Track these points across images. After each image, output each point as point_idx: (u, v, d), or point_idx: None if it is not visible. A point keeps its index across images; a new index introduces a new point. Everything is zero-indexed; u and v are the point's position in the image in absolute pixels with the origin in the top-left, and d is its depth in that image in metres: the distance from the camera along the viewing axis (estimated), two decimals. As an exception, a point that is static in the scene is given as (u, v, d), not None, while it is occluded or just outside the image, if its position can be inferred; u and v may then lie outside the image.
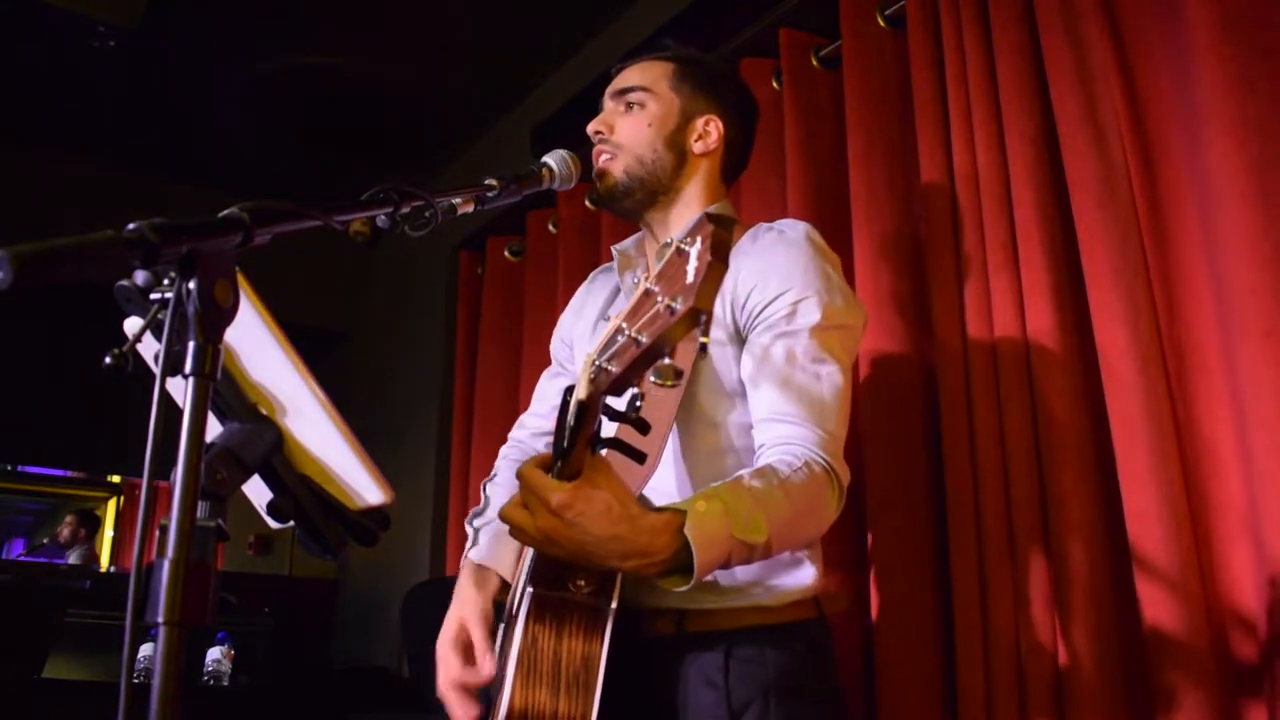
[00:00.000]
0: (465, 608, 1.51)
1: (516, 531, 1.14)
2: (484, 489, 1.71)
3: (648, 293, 0.84)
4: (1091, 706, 1.56)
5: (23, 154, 4.05)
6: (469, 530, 1.64)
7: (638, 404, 0.88)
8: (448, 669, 1.46)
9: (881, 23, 2.22)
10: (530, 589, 1.27)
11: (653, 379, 0.83)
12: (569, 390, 1.05)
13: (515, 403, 3.19)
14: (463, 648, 1.47)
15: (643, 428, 1.04)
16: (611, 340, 0.89)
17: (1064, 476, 1.66)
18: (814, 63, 2.36)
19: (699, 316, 0.78)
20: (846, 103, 2.20)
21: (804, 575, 1.40)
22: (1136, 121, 1.71)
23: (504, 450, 1.79)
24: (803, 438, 1.30)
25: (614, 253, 1.64)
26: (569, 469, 1.07)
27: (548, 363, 1.80)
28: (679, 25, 2.78)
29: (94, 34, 3.27)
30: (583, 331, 1.69)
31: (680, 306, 0.78)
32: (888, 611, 1.86)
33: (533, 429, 1.79)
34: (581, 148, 1.53)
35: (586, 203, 3.07)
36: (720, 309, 1.42)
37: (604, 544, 1.09)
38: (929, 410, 1.93)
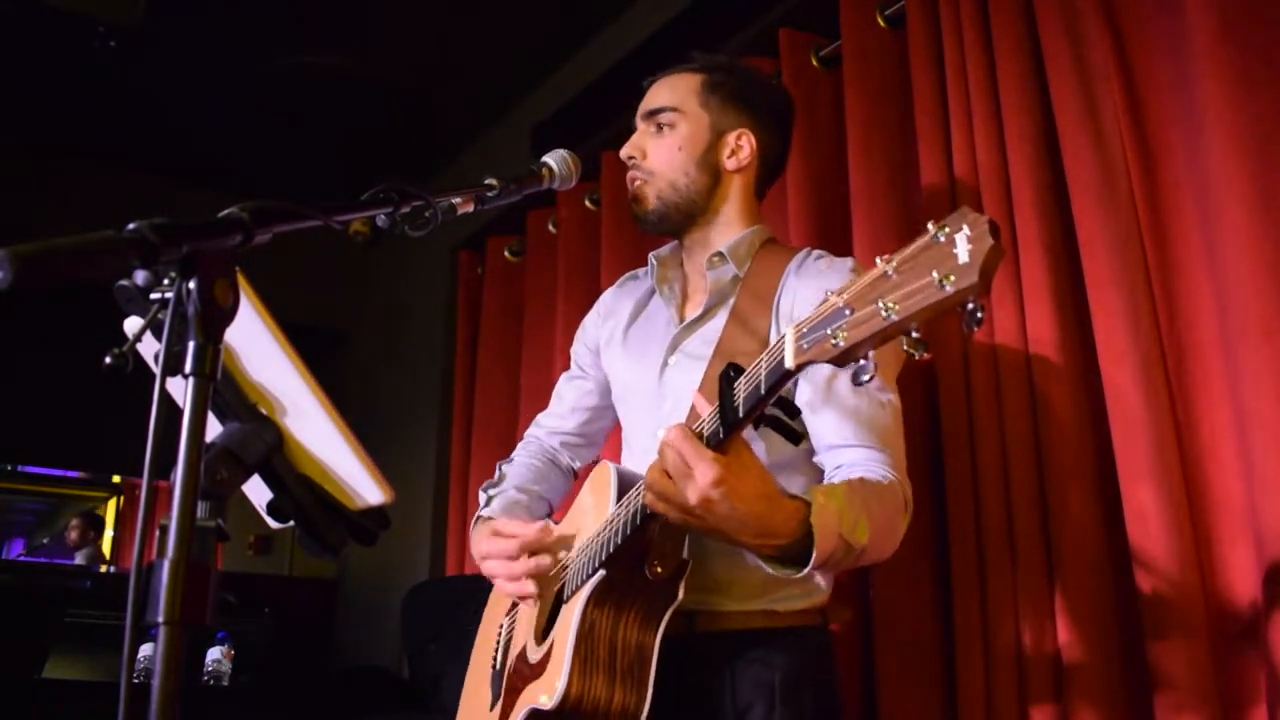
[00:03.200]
0: (482, 535, 1.53)
1: (658, 499, 1.15)
2: (499, 468, 1.75)
3: (885, 275, 0.86)
4: (1092, 707, 1.56)
5: (23, 154, 4.05)
6: (482, 497, 1.69)
7: (866, 377, 0.90)
8: (501, 549, 1.45)
9: (881, 23, 2.22)
10: (602, 571, 1.27)
11: (905, 350, 0.85)
12: (732, 366, 1.09)
13: (515, 403, 3.19)
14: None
15: (794, 411, 1.06)
16: (831, 315, 0.91)
17: (1064, 477, 1.66)
18: (814, 63, 2.36)
19: (977, 294, 0.80)
20: (846, 103, 2.20)
21: (815, 586, 1.44)
22: (1136, 121, 1.71)
23: (522, 445, 1.82)
24: (881, 460, 1.34)
25: (651, 259, 1.64)
26: (726, 443, 1.09)
27: (548, 363, 1.81)
28: (679, 25, 2.78)
29: (94, 34, 3.26)
30: (611, 335, 1.69)
31: (956, 283, 0.80)
32: (888, 613, 1.86)
33: (549, 428, 1.82)
34: (581, 147, 1.53)
35: (586, 203, 3.08)
36: (781, 322, 1.45)
37: (745, 521, 1.11)
38: (929, 411, 1.93)
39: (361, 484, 0.94)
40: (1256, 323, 1.43)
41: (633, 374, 1.61)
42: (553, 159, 1.43)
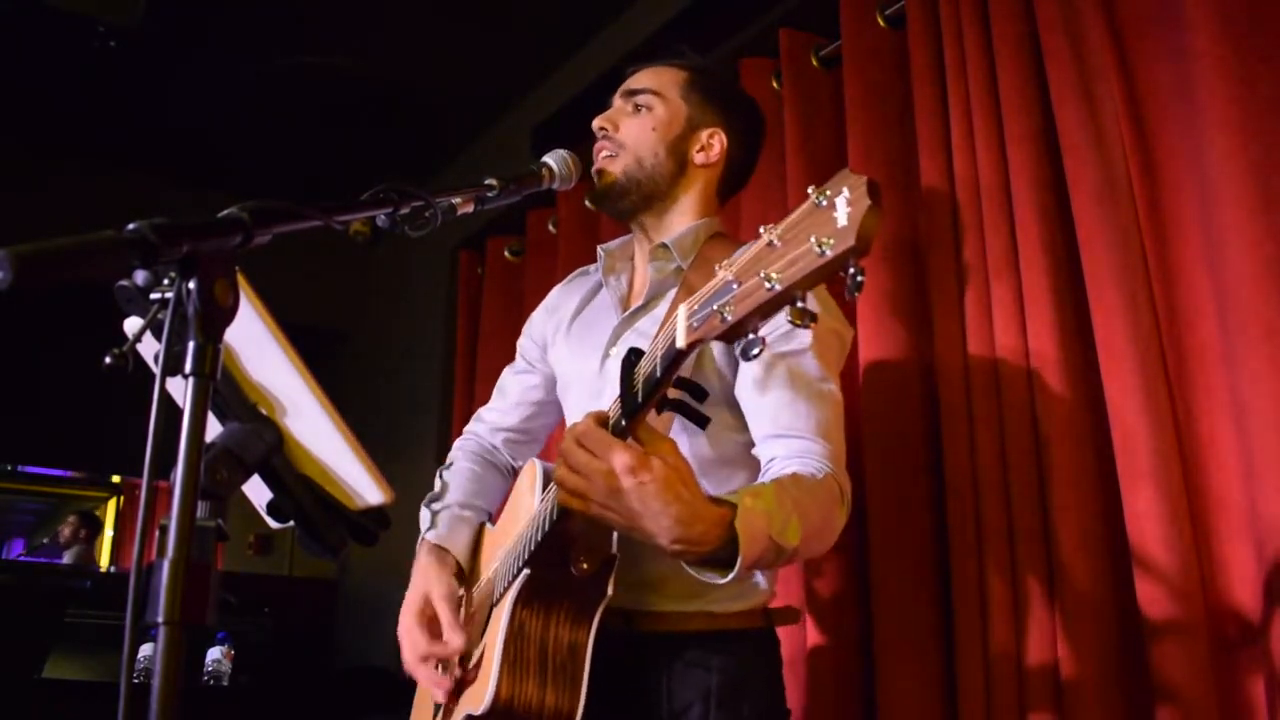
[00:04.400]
0: (430, 584, 1.52)
1: (570, 495, 1.11)
2: (440, 475, 1.73)
3: (770, 244, 0.85)
4: (1091, 708, 1.56)
5: (23, 154, 4.05)
6: (425, 513, 1.67)
7: (755, 350, 0.88)
8: (414, 644, 1.47)
9: (881, 23, 2.22)
10: (527, 570, 1.26)
11: (788, 321, 0.83)
12: (633, 351, 1.06)
13: (515, 403, 3.18)
14: (428, 622, 1.48)
15: (699, 394, 1.03)
16: (720, 290, 0.89)
17: (1064, 478, 1.66)
18: (814, 63, 2.36)
19: (856, 256, 0.78)
20: (846, 103, 2.20)
21: (755, 586, 1.43)
22: (1136, 121, 1.71)
23: (459, 442, 1.80)
24: (815, 452, 1.32)
25: (599, 252, 1.64)
26: (631, 429, 1.06)
27: (548, 363, 1.80)
28: (679, 25, 2.78)
29: (94, 34, 3.26)
30: (556, 329, 1.70)
31: (835, 247, 0.78)
32: (888, 615, 1.86)
33: (491, 424, 1.80)
34: (581, 147, 1.53)
35: (586, 203, 3.07)
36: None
37: (658, 517, 1.07)
38: (929, 412, 1.93)
39: (361, 484, 0.94)
40: (1256, 323, 1.43)
41: (575, 365, 1.61)
42: (553, 159, 1.44)
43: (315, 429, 0.93)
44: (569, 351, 1.64)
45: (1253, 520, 1.43)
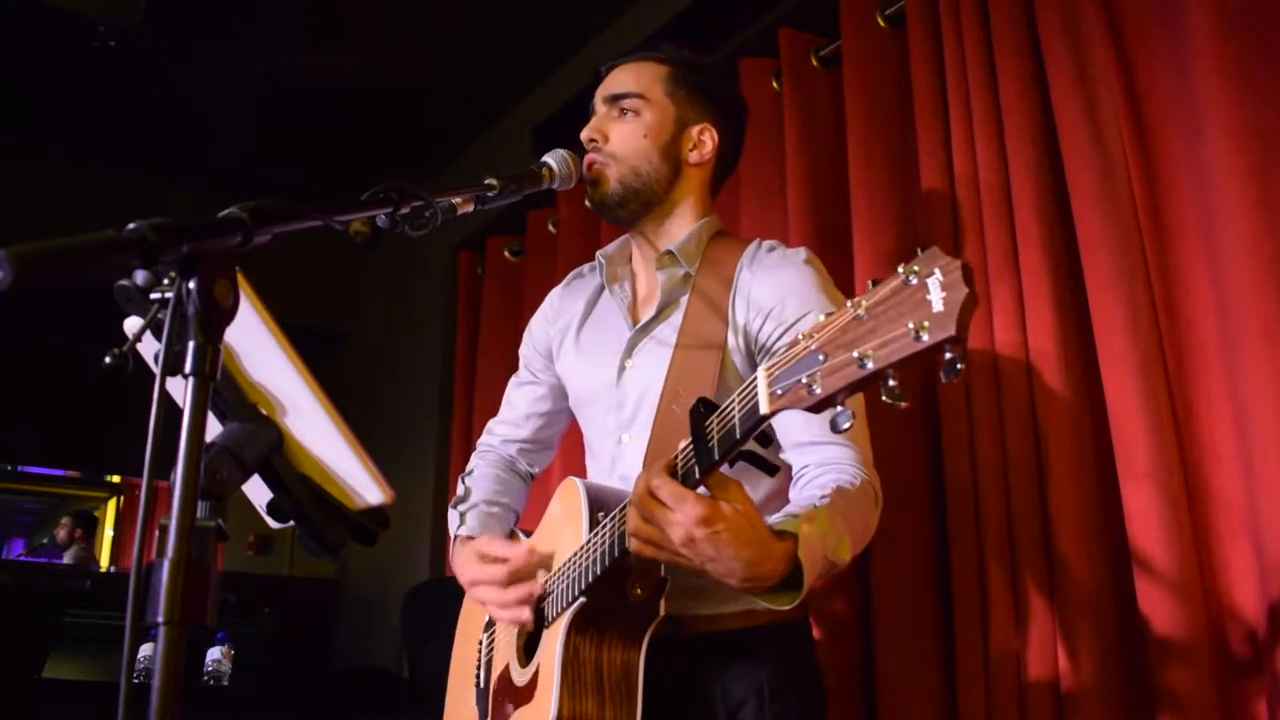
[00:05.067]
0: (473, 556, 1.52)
1: (644, 544, 1.14)
2: (462, 481, 1.73)
3: (858, 318, 0.85)
4: (1091, 708, 1.56)
5: (23, 154, 4.05)
6: (453, 515, 1.67)
7: (845, 425, 0.89)
8: (476, 571, 1.46)
9: (881, 23, 2.22)
10: (583, 599, 1.28)
11: (883, 400, 0.84)
12: (703, 402, 1.08)
13: (515, 403, 3.18)
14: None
15: (767, 442, 1.04)
16: (804, 359, 0.90)
17: (1064, 477, 1.66)
18: (814, 63, 2.36)
19: (954, 345, 0.78)
20: (846, 103, 2.20)
21: None
22: (1136, 121, 1.71)
23: (477, 454, 1.81)
24: (849, 458, 1.35)
25: (599, 257, 1.63)
26: (705, 480, 1.09)
27: (548, 363, 1.80)
28: (679, 25, 2.78)
29: (94, 34, 3.26)
30: (562, 338, 1.68)
31: (932, 334, 0.78)
32: (888, 615, 1.86)
33: (504, 436, 1.80)
34: (582, 147, 1.53)
35: (586, 203, 3.07)
36: (738, 318, 1.45)
37: (731, 561, 1.10)
38: (929, 411, 1.93)
39: (361, 484, 0.94)
40: (1256, 323, 1.43)
41: (589, 378, 1.60)
42: (553, 159, 1.44)
43: (315, 429, 0.93)
44: (580, 362, 1.63)
45: (1253, 520, 1.43)
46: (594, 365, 1.59)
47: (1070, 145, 1.75)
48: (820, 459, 1.35)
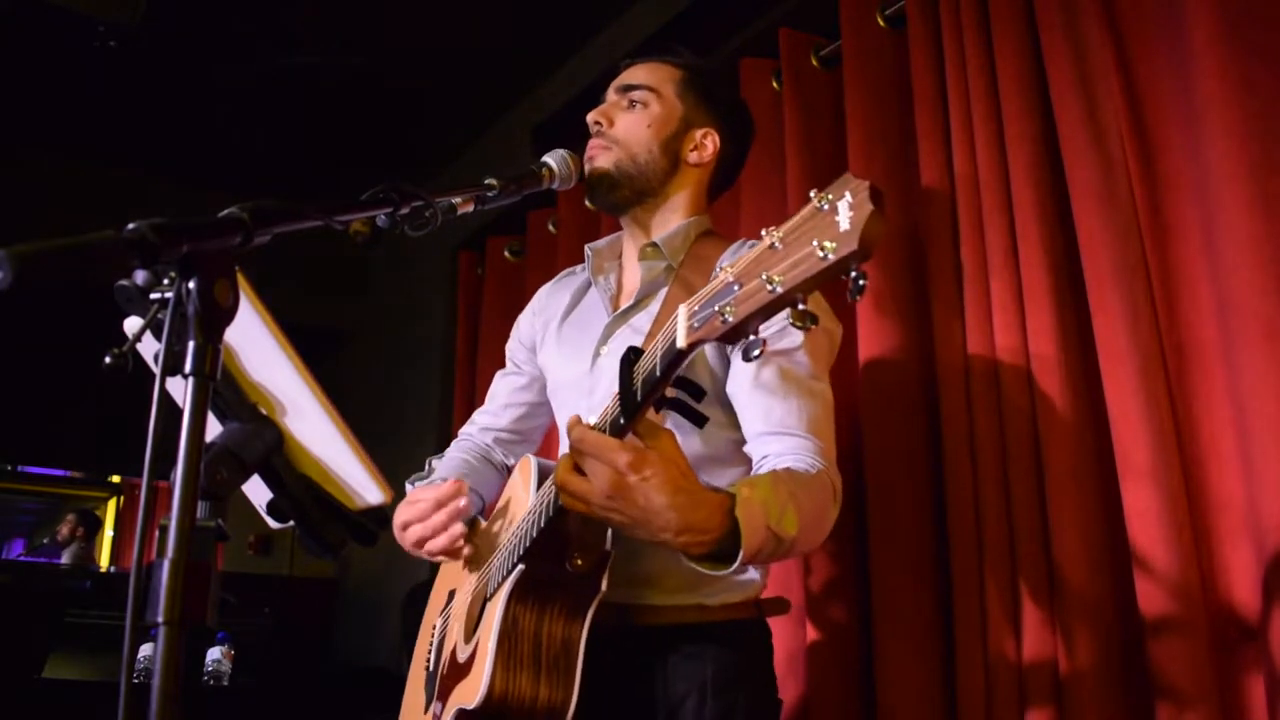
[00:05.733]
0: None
1: (572, 496, 1.12)
2: (429, 463, 1.74)
3: (772, 247, 0.85)
4: (1091, 707, 1.56)
5: (23, 154, 4.05)
6: (408, 488, 1.66)
7: (755, 352, 0.89)
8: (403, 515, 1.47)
9: (881, 23, 2.22)
10: (521, 566, 1.26)
11: (788, 323, 0.84)
12: (632, 349, 1.07)
13: (515, 403, 3.18)
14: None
15: (697, 393, 1.04)
16: (721, 291, 0.90)
17: (1064, 478, 1.66)
18: (814, 63, 2.36)
19: (859, 261, 0.78)
20: (846, 103, 2.20)
21: (747, 578, 1.44)
22: (1136, 121, 1.71)
23: (455, 443, 1.82)
24: (807, 449, 1.33)
25: (587, 251, 1.65)
26: (631, 427, 1.07)
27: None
28: (679, 25, 2.78)
29: (94, 34, 3.26)
30: (544, 330, 1.70)
31: (837, 251, 0.78)
32: (888, 614, 1.86)
33: (482, 425, 1.82)
34: (582, 147, 1.53)
35: (587, 202, 3.07)
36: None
37: (663, 513, 1.07)
38: (929, 411, 1.93)
39: (361, 484, 0.94)
40: (1256, 323, 1.43)
41: (566, 367, 1.61)
42: (553, 159, 1.44)
43: (315, 429, 0.93)
44: (559, 352, 1.64)
45: (1253, 520, 1.43)
46: (572, 355, 1.60)
47: (1070, 145, 1.75)
48: (780, 449, 1.33)
